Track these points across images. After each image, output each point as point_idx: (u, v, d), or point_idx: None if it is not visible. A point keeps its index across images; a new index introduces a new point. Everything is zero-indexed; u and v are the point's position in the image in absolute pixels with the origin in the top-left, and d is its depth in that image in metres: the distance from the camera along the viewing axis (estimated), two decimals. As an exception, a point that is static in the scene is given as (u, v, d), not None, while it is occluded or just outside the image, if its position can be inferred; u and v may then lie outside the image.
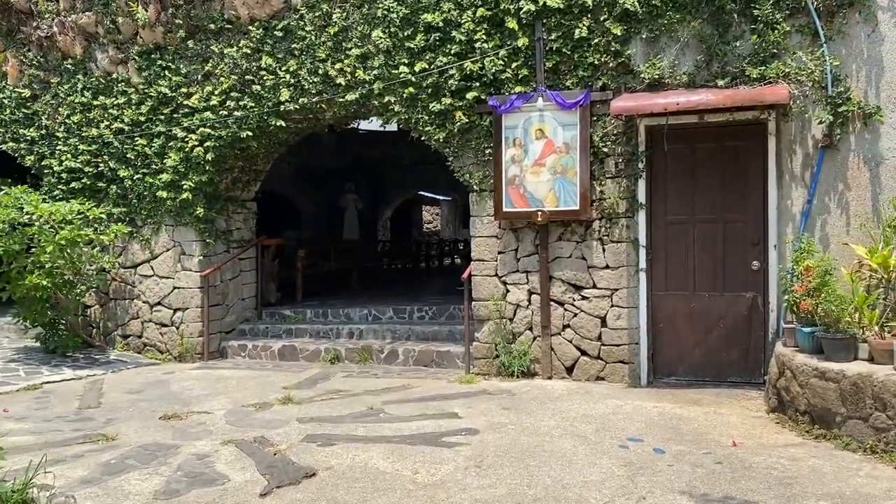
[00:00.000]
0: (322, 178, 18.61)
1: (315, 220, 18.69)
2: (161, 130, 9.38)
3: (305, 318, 10.28)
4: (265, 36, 8.86)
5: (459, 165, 8.25)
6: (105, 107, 9.69)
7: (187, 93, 9.23)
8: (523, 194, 7.87)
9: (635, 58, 7.45)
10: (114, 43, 9.62)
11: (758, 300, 7.21)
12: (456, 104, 8.01)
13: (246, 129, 8.99)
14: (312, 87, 8.64)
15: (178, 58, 9.30)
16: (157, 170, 9.43)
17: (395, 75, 8.21)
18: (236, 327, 10.09)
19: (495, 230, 8.12)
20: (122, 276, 9.90)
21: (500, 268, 8.10)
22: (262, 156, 9.98)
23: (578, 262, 7.78)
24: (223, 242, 9.89)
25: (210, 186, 9.42)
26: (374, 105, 8.44)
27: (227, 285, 9.93)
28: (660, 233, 7.57)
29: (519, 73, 7.80)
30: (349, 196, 19.37)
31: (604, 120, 7.62)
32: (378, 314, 9.96)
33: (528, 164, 7.86)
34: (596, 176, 7.69)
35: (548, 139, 7.79)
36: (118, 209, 9.72)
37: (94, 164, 9.78)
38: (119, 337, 10.00)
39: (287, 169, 17.57)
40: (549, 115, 7.76)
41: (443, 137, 8.17)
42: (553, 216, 7.74)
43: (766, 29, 6.93)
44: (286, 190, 17.62)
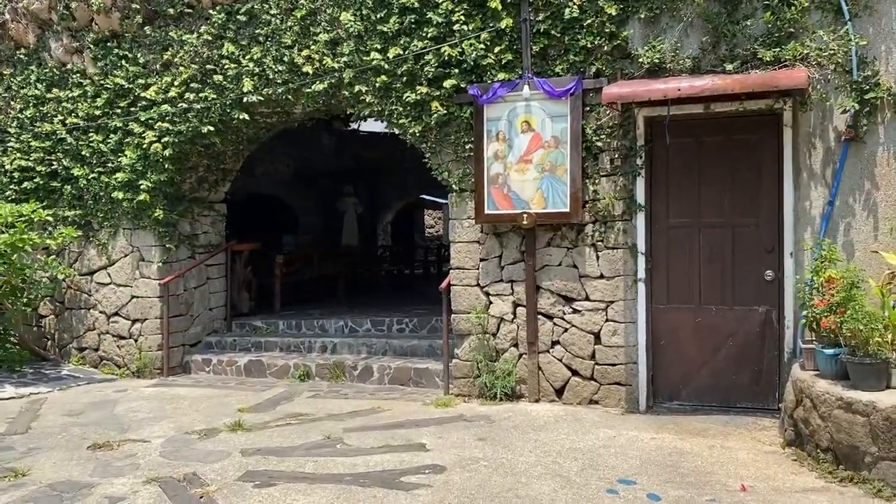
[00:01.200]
0: (320, 180, 17.87)
1: (313, 224, 17.96)
2: (117, 125, 8.60)
3: (278, 329, 9.46)
4: (228, 21, 8.07)
5: (437, 163, 7.42)
6: (59, 100, 8.93)
7: (145, 84, 8.45)
8: (507, 194, 7.02)
9: (633, 40, 6.59)
10: (68, 31, 8.87)
11: (772, 315, 6.33)
12: (433, 94, 7.18)
13: (207, 122, 8.19)
14: (278, 76, 7.84)
15: (136, 46, 8.52)
16: (113, 168, 8.65)
17: (367, 62, 7.39)
18: (202, 339, 9.29)
19: (476, 235, 7.28)
20: (77, 284, 9.13)
21: (482, 277, 7.25)
22: (231, 153, 9.19)
23: (569, 270, 6.93)
24: (187, 247, 9.10)
25: (170, 186, 8.63)
26: (345, 96, 7.62)
27: (192, 294, 9.14)
28: (661, 238, 6.70)
29: (502, 58, 6.96)
30: (348, 199, 18.59)
31: (597, 110, 6.77)
32: (355, 326, 9.13)
33: (512, 160, 7.02)
34: (589, 174, 6.83)
35: (535, 132, 6.94)
36: (73, 211, 8.95)
37: (48, 163, 9.02)
38: (75, 350, 9.22)
39: (285, 171, 16.86)
40: (537, 106, 6.91)
41: (419, 131, 7.33)
42: (540, 219, 6.89)
43: (780, 5, 6.06)
44: (283, 193, 16.93)
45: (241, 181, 16.85)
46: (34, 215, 8.12)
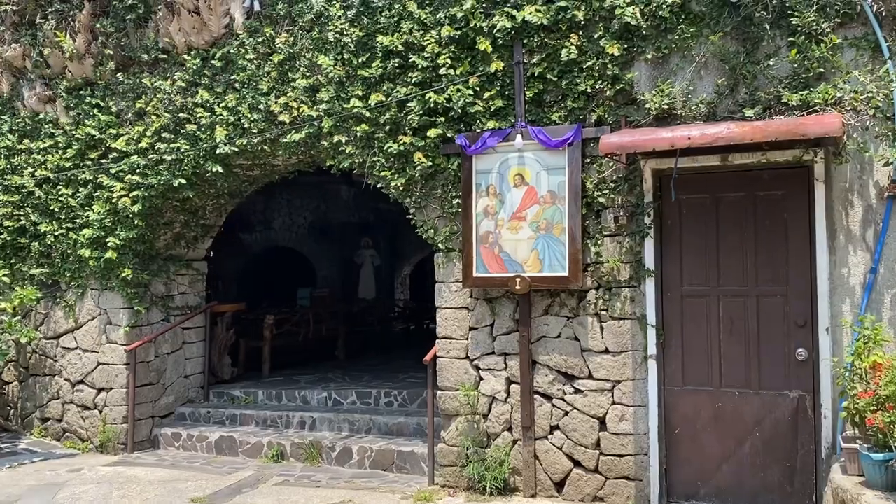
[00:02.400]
0: (338, 233, 17.32)
1: (331, 277, 17.35)
2: (87, 178, 8.00)
3: (257, 400, 8.65)
4: (203, 67, 7.48)
5: (422, 219, 6.65)
6: (30, 151, 8.39)
7: (116, 134, 7.86)
8: (498, 255, 6.21)
9: (639, 84, 5.82)
10: (42, 78, 8.37)
11: (805, 402, 5.36)
12: (417, 144, 6.45)
13: (180, 175, 7.54)
14: (253, 125, 7.19)
15: (109, 94, 7.97)
16: (81, 224, 8.02)
17: (347, 110, 6.70)
18: (175, 410, 8.50)
19: (465, 300, 6.45)
20: (42, 349, 8.44)
21: (471, 348, 6.40)
22: (211, 208, 8.53)
23: (569, 343, 6.05)
24: (161, 309, 8.38)
25: (142, 244, 7.96)
26: (324, 146, 6.93)
27: (165, 361, 8.38)
28: (674, 308, 5.81)
29: (493, 105, 6.23)
30: (366, 252, 17.96)
31: (599, 162, 5.97)
32: (339, 399, 8.28)
33: (504, 217, 6.22)
34: (590, 233, 6.00)
35: (529, 186, 6.15)
36: (39, 270, 8.32)
37: (16, 218, 8.43)
38: (38, 420, 8.48)
39: (303, 223, 16.39)
40: (531, 157, 6.14)
41: (402, 184, 6.59)
42: (536, 284, 6.05)
43: (808, 43, 5.26)
44: (301, 245, 16.44)
45: (260, 233, 16.53)
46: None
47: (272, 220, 16.59)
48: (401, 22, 6.52)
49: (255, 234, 16.53)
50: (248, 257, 16.50)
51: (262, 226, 16.32)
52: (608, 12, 5.82)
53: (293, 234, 16.75)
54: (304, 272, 16.73)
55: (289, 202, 16.59)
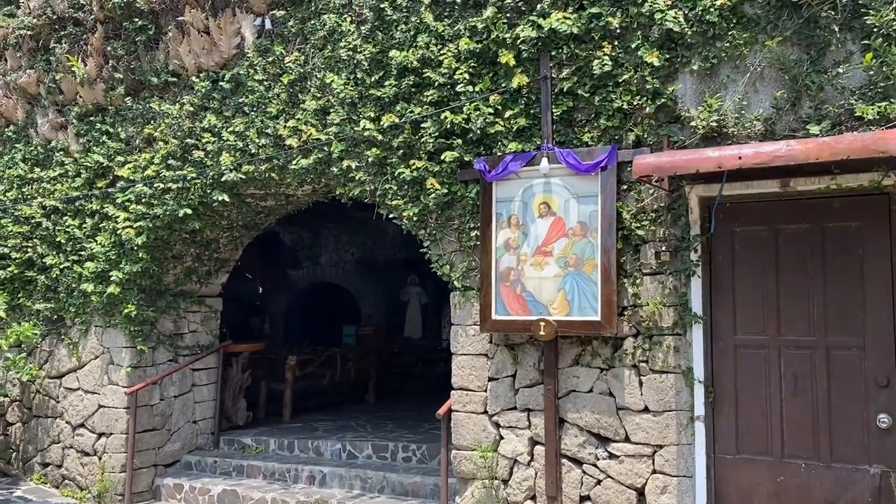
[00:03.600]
0: (384, 269, 16.77)
1: (376, 314, 16.79)
2: (94, 208, 7.57)
3: (268, 450, 7.96)
4: (212, 90, 7.00)
5: (438, 253, 5.93)
6: (41, 180, 8.03)
7: (124, 162, 7.42)
8: (521, 295, 5.43)
9: (683, 99, 5.03)
10: (55, 105, 8.04)
11: (890, 479, 4.38)
12: (431, 169, 5.77)
13: (185, 205, 7.03)
14: (261, 151, 6.64)
15: (119, 120, 7.56)
16: (87, 257, 7.57)
17: (358, 133, 6.08)
18: (181, 458, 7.88)
19: (484, 346, 5.67)
20: (45, 389, 7.97)
21: (490, 402, 5.60)
22: (225, 241, 7.99)
23: (603, 399, 5.20)
24: (168, 349, 7.83)
25: (147, 278, 7.44)
26: (334, 173, 6.30)
27: (171, 404, 7.80)
28: (726, 360, 4.92)
29: (515, 124, 5.51)
30: (412, 289, 17.31)
31: (637, 189, 5.17)
32: (354, 451, 7.53)
33: (528, 251, 5.45)
34: (627, 271, 5.18)
35: (556, 217, 5.38)
36: (45, 304, 7.89)
37: (25, 249, 8.05)
38: (38, 465, 7.97)
39: (349, 259, 15.97)
40: (559, 183, 5.38)
41: (415, 214, 5.90)
42: (563, 329, 5.24)
43: (887, 46, 4.40)
44: (347, 282, 15.98)
45: (307, 269, 16.12)
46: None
47: (319, 256, 16.24)
48: (417, 36, 5.90)
49: (301, 271, 16.18)
50: (294, 293, 16.11)
51: (310, 262, 15.98)
52: (647, 18, 5.07)
53: (339, 270, 16.33)
54: (349, 309, 16.26)
55: (336, 238, 16.20)
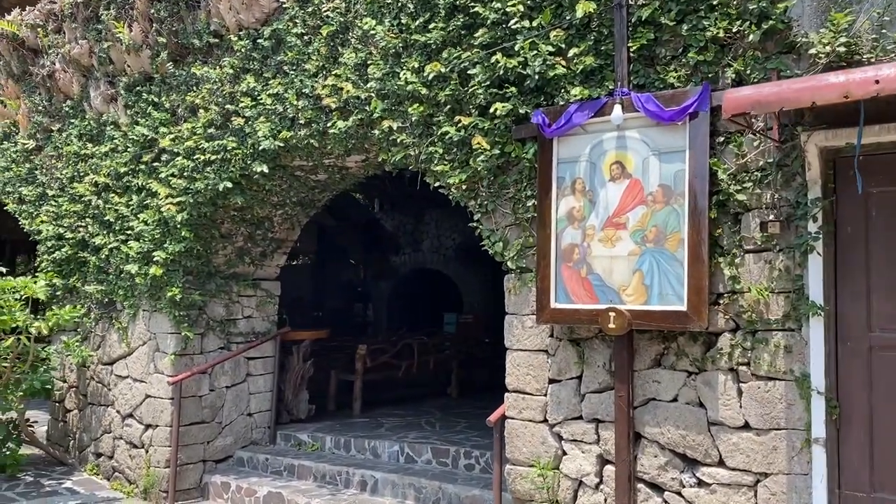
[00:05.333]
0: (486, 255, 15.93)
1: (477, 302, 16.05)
2: (140, 184, 7.07)
3: (324, 447, 7.24)
4: (252, 49, 6.29)
5: (489, 228, 4.95)
6: (93, 156, 7.62)
7: (167, 133, 6.86)
8: (587, 278, 4.37)
9: (800, 20, 3.80)
10: (106, 76, 7.60)
11: None
12: (482, 126, 4.78)
13: (227, 178, 6.37)
14: (300, 114, 5.86)
15: (166, 89, 7.00)
16: (133, 236, 7.08)
17: (401, 88, 5.17)
18: (234, 453, 7.30)
19: (543, 341, 4.65)
20: (98, 375, 7.60)
21: (551, 409, 4.58)
22: (279, 220, 7.31)
23: (690, 411, 4.08)
24: (219, 336, 7.24)
25: (193, 259, 6.87)
26: (376, 137, 5.43)
27: (222, 395, 7.22)
28: (856, 366, 3.68)
29: (581, 65, 4.43)
30: (514, 276, 16.43)
31: (737, 140, 3.99)
32: (413, 454, 6.67)
33: (596, 224, 4.38)
34: (724, 247, 4.02)
35: (632, 179, 4.27)
36: (96, 286, 7.49)
37: (77, 229, 7.68)
38: (92, 455, 7.62)
39: (451, 245, 15.33)
40: (636, 137, 4.27)
41: (463, 181, 4.93)
42: (640, 321, 4.14)
43: None
44: (448, 268, 15.32)
45: (408, 256, 15.59)
46: (25, 291, 6.68)
47: (420, 242, 15.67)
48: (468, -34, 4.92)
49: (403, 257, 15.68)
50: (397, 280, 15.62)
51: (411, 248, 15.44)
52: (751, -84, 3.87)
53: (440, 256, 15.66)
54: (451, 296, 15.60)
55: (437, 223, 15.54)
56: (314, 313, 16.58)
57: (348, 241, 16.99)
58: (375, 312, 17.00)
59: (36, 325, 6.61)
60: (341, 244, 16.77)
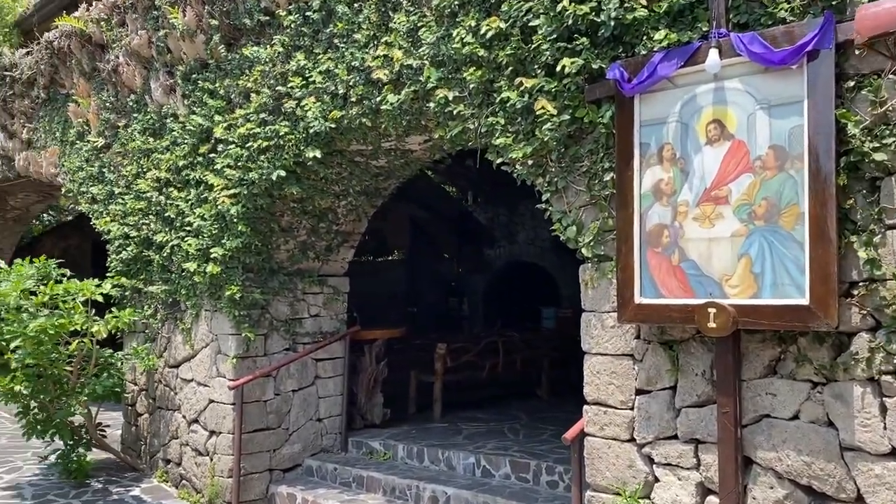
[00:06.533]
0: None
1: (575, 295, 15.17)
2: (198, 177, 6.69)
3: (396, 456, 6.66)
4: (303, 23, 5.75)
5: (560, 210, 4.18)
6: (155, 150, 7.32)
7: (221, 121, 6.44)
8: (679, 266, 3.55)
9: (961, -84, 2.85)
10: (165, 66, 7.27)
11: None
12: (548, 88, 4.03)
13: (280, 166, 5.88)
14: (352, 91, 5.27)
15: (220, 75, 6.59)
16: (193, 232, 6.72)
17: (457, 51, 4.49)
18: (303, 462, 6.83)
19: (628, 343, 3.85)
20: (165, 379, 7.30)
21: (639, 426, 3.78)
22: (344, 211, 6.77)
23: (816, 432, 3.21)
24: (284, 336, 6.78)
25: (253, 255, 6.42)
26: (431, 110, 4.76)
27: (288, 400, 6.76)
28: None
29: (666, 4, 3.61)
30: (617, 268, 15.49)
31: (873, 84, 3.08)
32: (490, 467, 5.98)
33: (689, 198, 3.55)
34: (858, 223, 3.13)
35: (734, 140, 3.42)
36: (160, 286, 7.19)
37: (141, 227, 7.41)
38: (161, 461, 7.34)
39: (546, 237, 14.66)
40: (738, 88, 3.41)
41: (529, 155, 4.19)
42: (748, 319, 3.29)
43: None
44: (545, 261, 14.65)
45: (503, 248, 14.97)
46: (82, 293, 6.42)
47: (516, 234, 15.00)
48: None
49: (497, 250, 15.07)
50: (491, 274, 15.03)
51: (506, 240, 14.80)
52: None
53: (537, 248, 14.93)
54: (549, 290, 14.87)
55: (532, 214, 14.80)
56: (409, 309, 16.19)
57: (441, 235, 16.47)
58: (471, 307, 16.40)
59: (95, 329, 6.33)
60: (434, 238, 16.28)
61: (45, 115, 9.12)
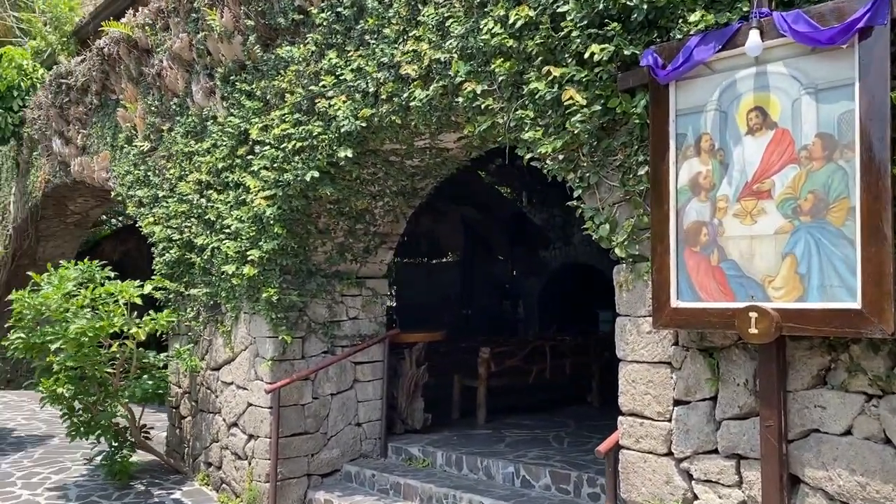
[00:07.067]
0: None
1: None
2: (236, 179, 6.66)
3: (435, 463, 6.48)
4: (335, 20, 5.64)
5: (593, 207, 3.94)
6: (197, 153, 7.33)
7: (259, 123, 6.39)
8: (719, 266, 3.27)
9: None
10: (205, 69, 7.28)
11: None
12: (578, 77, 3.79)
13: (314, 167, 5.78)
14: (382, 89, 5.13)
15: (257, 76, 6.54)
16: (232, 234, 6.68)
17: (486, 43, 4.29)
18: (341, 467, 6.72)
19: (666, 350, 3.59)
20: (206, 381, 7.30)
21: (677, 439, 3.51)
22: (381, 212, 6.65)
23: (871, 449, 2.90)
24: (322, 339, 6.69)
25: (290, 257, 6.34)
26: (460, 106, 4.58)
27: (326, 404, 6.66)
28: None
29: (702, -18, 3.35)
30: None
31: (935, 61, 2.76)
32: (529, 478, 5.74)
33: (729, 193, 3.27)
34: (918, 218, 2.81)
35: (777, 129, 3.13)
36: (201, 289, 7.19)
37: (183, 230, 7.42)
38: (203, 464, 7.33)
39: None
40: (782, 72, 3.12)
41: (559, 149, 3.96)
42: (793, 324, 3.00)
43: None
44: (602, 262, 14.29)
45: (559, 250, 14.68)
46: (122, 295, 6.44)
47: (571, 235, 14.67)
48: None
49: (553, 251, 14.78)
50: (547, 275, 14.74)
51: (561, 241, 14.51)
52: None
53: (593, 249, 14.57)
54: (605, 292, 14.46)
55: (590, 215, 14.49)
56: (462, 311, 16.00)
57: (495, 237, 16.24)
58: (526, 310, 16.10)
59: (134, 331, 6.35)
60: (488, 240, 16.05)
61: (98, 121, 9.27)
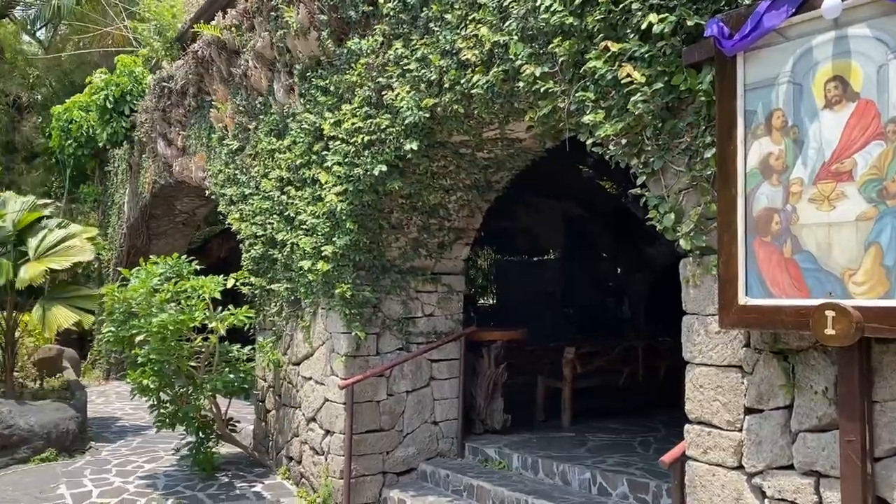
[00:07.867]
0: None
1: None
2: (312, 175, 6.66)
3: (511, 466, 6.24)
4: (402, 9, 5.51)
5: (657, 196, 3.60)
6: (278, 151, 7.40)
7: (332, 118, 6.35)
8: (793, 258, 2.89)
9: None
10: (286, 66, 7.33)
11: None
12: (638, 52, 3.48)
13: (382, 161, 5.68)
14: (444, 77, 4.95)
15: (331, 71, 6.50)
16: (309, 230, 6.69)
17: (546, 22, 4.03)
18: (417, 466, 6.60)
19: (736, 353, 3.23)
20: (288, 376, 7.35)
21: (748, 451, 3.15)
22: (455, 206, 6.47)
23: (976, 472, 2.46)
24: (396, 335, 6.59)
25: (363, 252, 6.27)
26: (521, 90, 4.33)
27: (402, 401, 6.55)
28: None
29: (773, -62, 2.97)
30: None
31: None
32: (606, 485, 5.40)
33: (804, 175, 2.88)
34: None
35: (859, 101, 2.73)
36: (283, 284, 7.24)
37: (267, 226, 7.51)
38: (285, 458, 7.39)
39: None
40: (864, 35, 2.72)
41: (620, 132, 3.65)
42: (878, 324, 2.60)
43: None
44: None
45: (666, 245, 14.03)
46: (204, 290, 6.55)
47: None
48: None
49: (660, 247, 14.17)
50: (654, 273, 14.18)
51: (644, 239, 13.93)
52: None
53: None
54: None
55: (703, 206, 13.84)
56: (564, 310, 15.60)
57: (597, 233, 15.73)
58: (632, 308, 15.50)
59: (214, 325, 6.47)
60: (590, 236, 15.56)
61: (195, 122, 9.57)
